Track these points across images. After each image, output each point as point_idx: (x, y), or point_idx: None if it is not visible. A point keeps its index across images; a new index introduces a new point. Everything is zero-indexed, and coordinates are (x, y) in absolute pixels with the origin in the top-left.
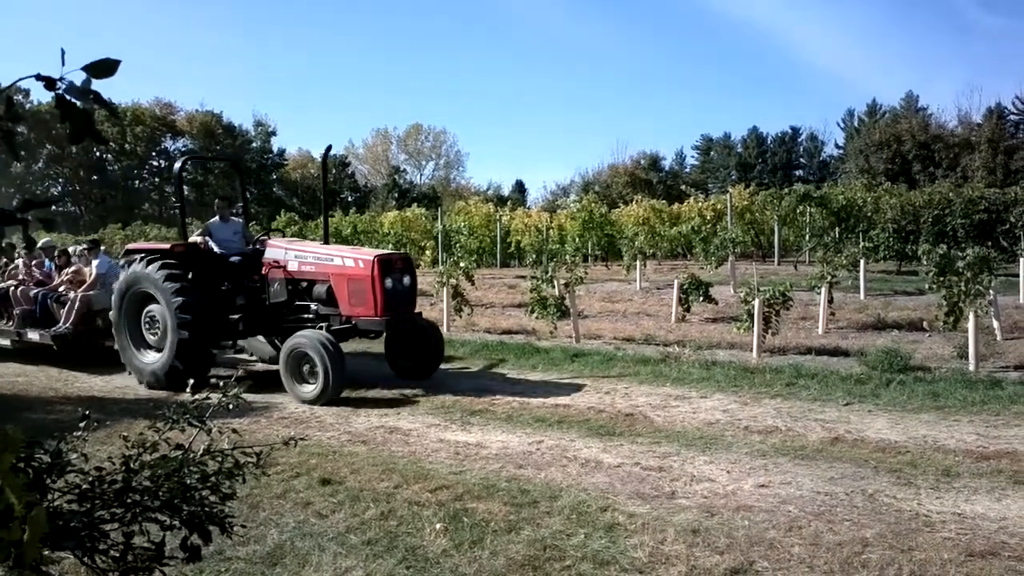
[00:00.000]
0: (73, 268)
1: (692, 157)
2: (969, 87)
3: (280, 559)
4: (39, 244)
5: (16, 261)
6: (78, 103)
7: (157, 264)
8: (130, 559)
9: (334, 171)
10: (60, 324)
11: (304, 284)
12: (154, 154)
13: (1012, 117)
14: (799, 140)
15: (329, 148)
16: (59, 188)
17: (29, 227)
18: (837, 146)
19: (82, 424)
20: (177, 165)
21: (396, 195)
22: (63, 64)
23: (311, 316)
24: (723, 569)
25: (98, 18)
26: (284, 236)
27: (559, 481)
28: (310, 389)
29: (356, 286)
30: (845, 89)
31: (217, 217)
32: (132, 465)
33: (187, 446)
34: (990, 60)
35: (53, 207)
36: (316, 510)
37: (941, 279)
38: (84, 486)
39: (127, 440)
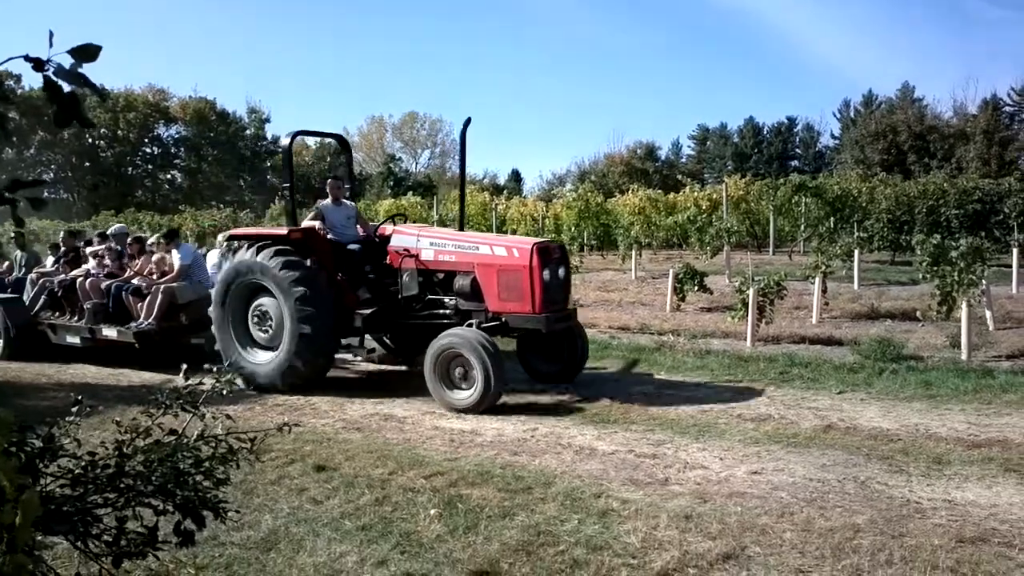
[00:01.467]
0: (155, 257)
1: (688, 147)
2: (965, 78)
3: (274, 544)
4: (110, 230)
5: (86, 250)
6: (65, 86)
7: (270, 251)
8: (123, 544)
9: (328, 159)
10: (141, 319)
11: (440, 276)
12: (147, 141)
13: (1007, 108)
14: (795, 130)
15: (468, 121)
16: (51, 174)
17: (18, 208)
18: (833, 136)
19: (75, 409)
20: (286, 140)
21: (391, 183)
22: (51, 46)
23: (448, 312)
24: (715, 554)
25: (91, 2)
26: (407, 221)
27: (553, 468)
28: (464, 396)
29: (509, 278)
30: (841, 80)
31: (329, 199)
32: (125, 450)
33: (181, 431)
34: (986, 51)
35: (45, 192)
36: (311, 496)
37: (935, 269)
38: (77, 471)
39: (120, 425)
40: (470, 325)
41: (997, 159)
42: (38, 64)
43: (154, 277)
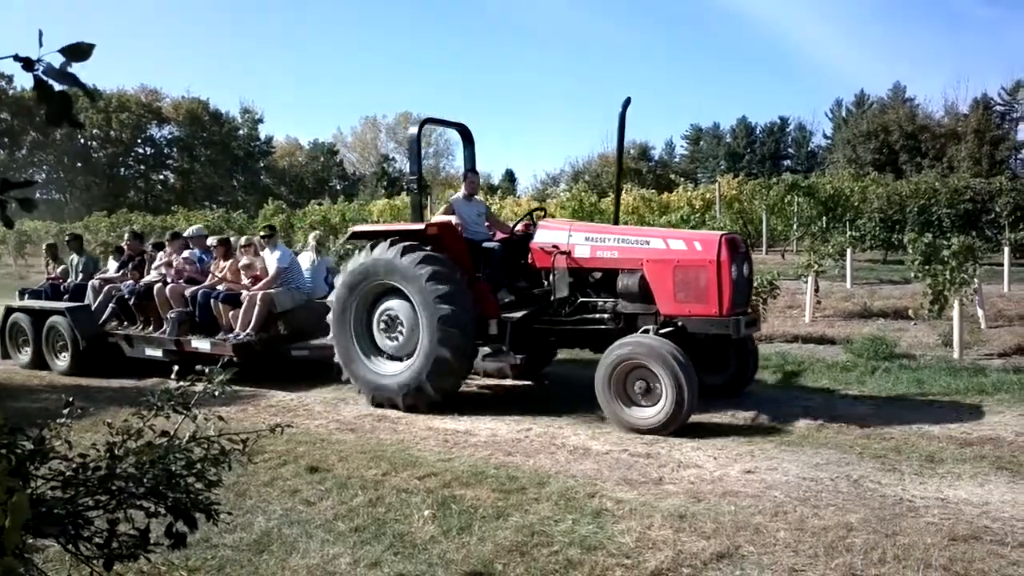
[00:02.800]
0: (244, 261)
1: (681, 147)
2: (956, 78)
3: (267, 546)
4: (188, 232)
5: (158, 253)
6: (56, 85)
7: (403, 248)
8: (114, 546)
9: (322, 159)
10: (237, 330)
11: (598, 275)
12: (139, 141)
13: (998, 108)
14: (787, 130)
15: (628, 101)
16: (43, 175)
17: (7, 209)
18: (825, 136)
19: (65, 411)
20: (414, 129)
21: (385, 183)
22: (40, 46)
23: (605, 316)
24: (709, 554)
25: (84, 3)
26: (545, 216)
27: (547, 468)
28: (649, 414)
29: (689, 276)
30: (833, 80)
31: (461, 193)
32: (116, 452)
33: (172, 433)
34: (977, 51)
35: (37, 193)
36: (304, 497)
37: (926, 268)
38: (68, 473)
39: (111, 427)
40: (646, 331)
41: (988, 158)
42: (28, 64)
43: (244, 282)
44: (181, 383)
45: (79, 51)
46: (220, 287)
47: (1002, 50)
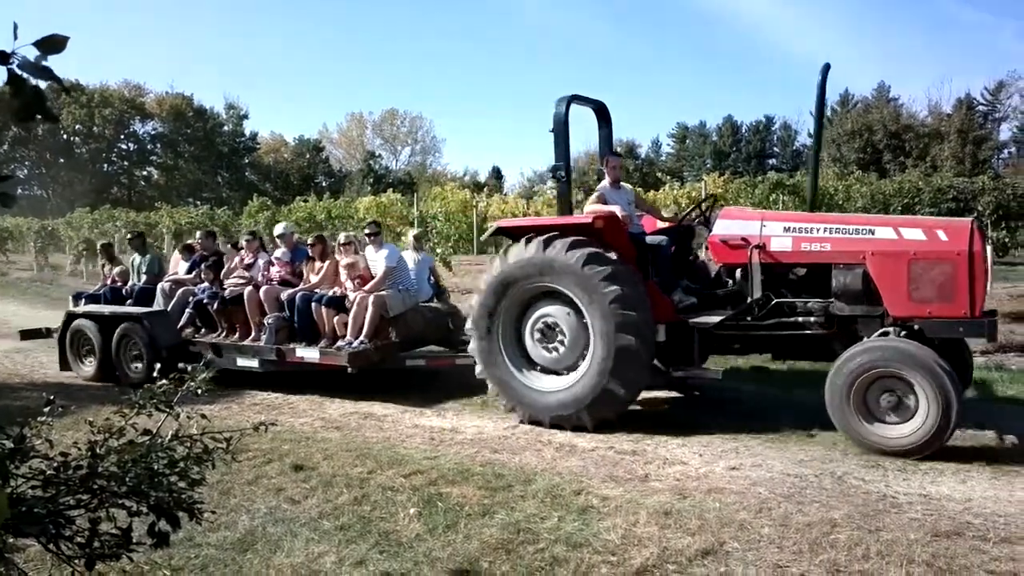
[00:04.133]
0: (346, 260)
1: (668, 145)
2: (940, 78)
3: (251, 545)
4: (278, 229)
5: (241, 252)
6: (30, 79)
7: (566, 244)
8: (96, 545)
9: (307, 156)
10: (349, 337)
11: (802, 272)
12: (123, 137)
13: (981, 108)
14: (773, 129)
15: (827, 67)
16: (25, 171)
17: None
18: (810, 135)
19: (47, 409)
20: (561, 107)
21: (371, 180)
22: (15, 38)
23: (811, 319)
24: (694, 550)
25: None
26: (716, 204)
27: (534, 465)
28: (900, 433)
29: (930, 271)
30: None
31: (607, 180)
32: (98, 450)
33: (155, 431)
34: (961, 52)
35: (19, 189)
36: (288, 496)
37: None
38: (48, 472)
39: (93, 425)
40: (884, 333)
41: (971, 158)
42: (3, 57)
43: (348, 284)
44: (163, 381)
45: (53, 44)
46: (320, 289)
47: (985, 51)
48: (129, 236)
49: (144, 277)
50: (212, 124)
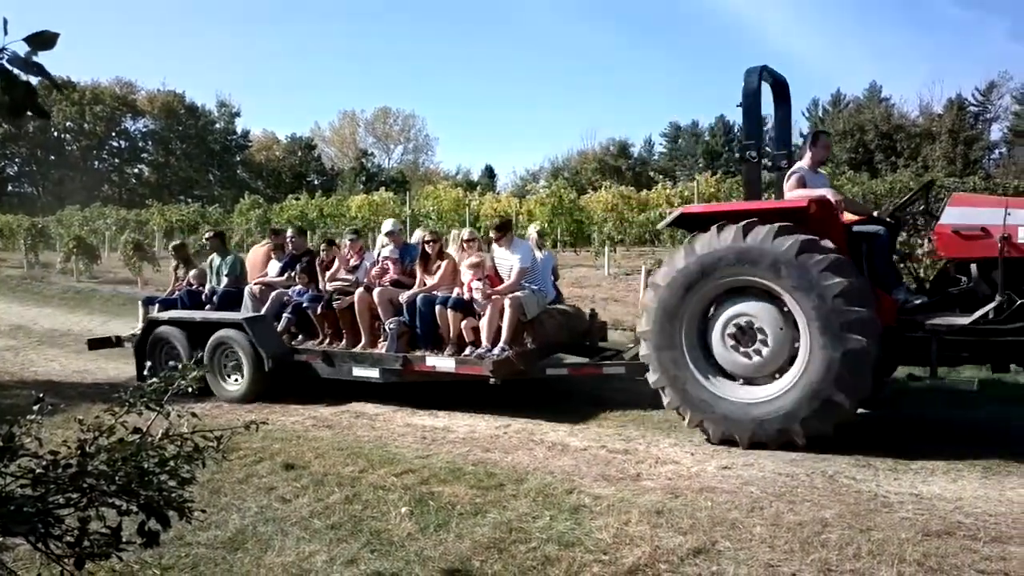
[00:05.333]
0: (471, 260)
1: (660, 144)
2: (931, 79)
3: (242, 544)
4: (386, 226)
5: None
6: (21, 74)
7: (771, 232)
8: (86, 545)
9: (299, 154)
10: (486, 343)
11: None
12: (114, 134)
13: (972, 108)
14: (766, 129)
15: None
16: (15, 168)
17: None
18: (802, 135)
19: (36, 407)
20: (753, 79)
21: (363, 179)
22: (5, 34)
23: None
24: (686, 549)
25: None
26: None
27: (526, 464)
28: None
29: None
30: (810, 79)
31: (806, 161)
32: (88, 449)
33: (145, 430)
34: (952, 52)
35: (9, 186)
36: (279, 495)
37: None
38: (38, 470)
39: (83, 423)
40: None
41: (962, 158)
42: None
43: (475, 284)
44: (154, 379)
45: (43, 40)
46: (440, 291)
47: (976, 51)
48: (207, 235)
49: (225, 280)
50: (204, 122)
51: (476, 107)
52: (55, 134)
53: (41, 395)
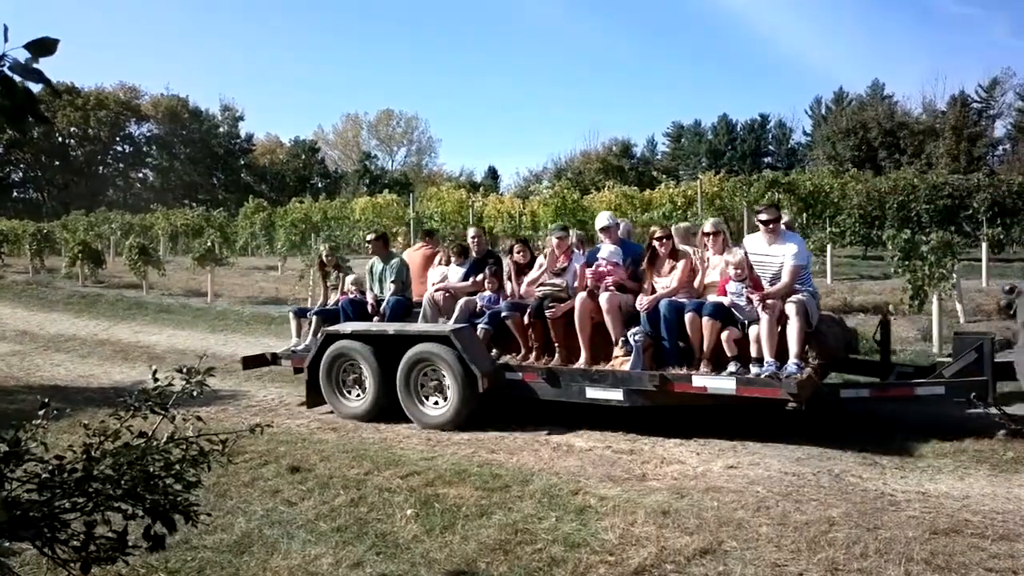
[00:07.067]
0: (735, 257)
1: (663, 144)
2: (934, 76)
3: (248, 547)
4: (603, 220)
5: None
6: (21, 81)
7: None
8: (92, 549)
9: (303, 157)
10: (769, 358)
11: None
12: (118, 139)
13: (975, 105)
14: (768, 127)
15: None
16: (20, 174)
17: None
18: (805, 133)
19: (42, 412)
20: None
21: (367, 181)
22: (6, 41)
23: None
24: (692, 550)
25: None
26: None
27: (531, 465)
28: None
29: None
30: (813, 77)
31: None
32: (93, 453)
33: (150, 434)
34: (955, 49)
35: (14, 192)
36: (285, 498)
37: (906, 263)
38: (44, 475)
39: (88, 428)
40: None
41: (966, 155)
42: None
43: (732, 288)
44: (158, 383)
45: (44, 46)
46: (680, 296)
47: (979, 47)
48: (370, 237)
49: (391, 287)
50: (207, 126)
51: (479, 108)
52: (60, 139)
53: (47, 400)
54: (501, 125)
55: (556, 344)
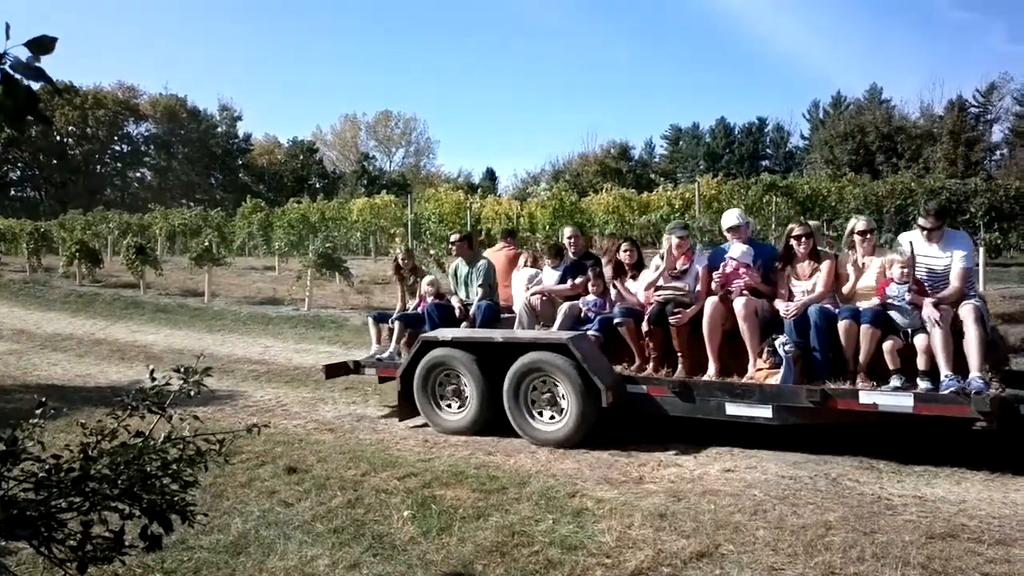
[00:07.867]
0: (889, 257)
1: (661, 147)
2: (932, 80)
3: (244, 548)
4: (731, 219)
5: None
6: (22, 79)
7: None
8: (89, 549)
9: (301, 157)
10: (947, 371)
11: None
12: (116, 138)
13: (973, 110)
14: (766, 131)
15: None
16: (18, 172)
17: None
18: (803, 137)
19: (39, 411)
20: None
21: (365, 182)
22: (7, 39)
23: None
24: (689, 553)
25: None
26: None
27: (528, 467)
28: None
29: None
30: (811, 81)
31: None
32: (90, 453)
33: (147, 433)
34: (952, 54)
35: (12, 191)
36: (281, 498)
37: None
38: (41, 474)
39: (85, 427)
40: None
41: (963, 159)
42: None
43: (894, 291)
44: (156, 382)
45: (43, 45)
46: (825, 302)
47: (977, 52)
48: (454, 237)
49: (479, 291)
50: (206, 126)
51: (477, 110)
52: (58, 138)
53: (44, 399)
54: (499, 127)
55: (680, 354)
